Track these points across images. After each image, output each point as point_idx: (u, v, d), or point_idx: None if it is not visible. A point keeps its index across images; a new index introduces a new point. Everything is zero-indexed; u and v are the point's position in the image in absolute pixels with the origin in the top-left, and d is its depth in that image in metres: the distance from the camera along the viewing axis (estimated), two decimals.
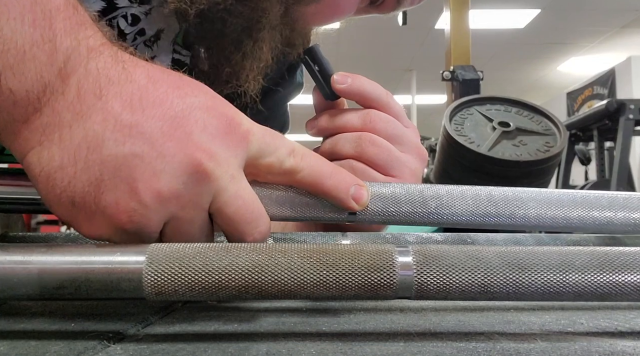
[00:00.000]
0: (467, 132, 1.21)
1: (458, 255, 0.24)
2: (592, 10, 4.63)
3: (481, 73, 1.81)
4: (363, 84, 0.41)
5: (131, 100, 0.27)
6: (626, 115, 2.37)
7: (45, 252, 0.24)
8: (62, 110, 0.26)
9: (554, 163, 1.17)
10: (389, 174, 0.40)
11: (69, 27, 0.27)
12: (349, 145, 0.40)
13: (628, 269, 0.24)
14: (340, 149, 0.40)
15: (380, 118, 0.41)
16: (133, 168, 0.26)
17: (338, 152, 0.41)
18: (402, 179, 0.40)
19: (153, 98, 0.27)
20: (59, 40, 0.26)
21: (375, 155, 0.40)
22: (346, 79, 0.41)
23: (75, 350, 0.22)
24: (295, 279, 0.24)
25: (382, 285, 0.24)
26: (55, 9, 0.27)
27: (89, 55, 0.27)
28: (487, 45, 5.12)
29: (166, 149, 0.26)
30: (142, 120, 0.26)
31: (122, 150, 0.26)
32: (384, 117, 0.41)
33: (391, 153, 0.40)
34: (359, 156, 0.40)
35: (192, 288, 0.24)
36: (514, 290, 0.24)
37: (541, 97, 6.90)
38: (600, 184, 2.69)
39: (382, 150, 0.40)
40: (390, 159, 0.40)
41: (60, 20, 0.27)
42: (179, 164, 0.26)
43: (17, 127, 0.26)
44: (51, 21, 0.26)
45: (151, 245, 0.25)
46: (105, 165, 0.26)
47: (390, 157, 0.40)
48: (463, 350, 0.22)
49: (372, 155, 0.40)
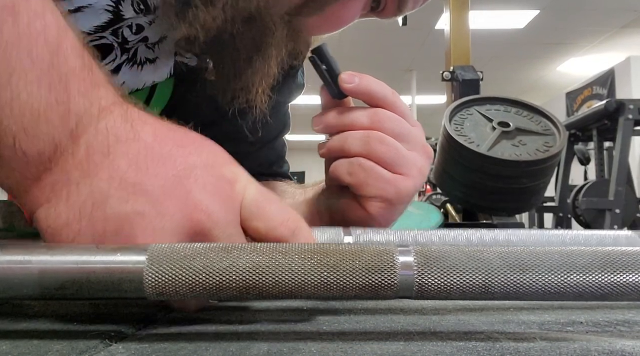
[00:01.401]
0: (466, 132, 1.21)
1: (459, 256, 0.24)
2: (592, 10, 4.63)
3: (481, 73, 1.81)
4: (370, 84, 0.42)
5: (137, 158, 0.28)
6: (625, 115, 2.37)
7: (46, 252, 0.24)
8: (70, 169, 0.27)
9: (553, 163, 1.17)
10: (397, 172, 0.41)
11: (82, 89, 0.28)
12: (357, 143, 0.41)
13: (630, 269, 0.24)
14: (349, 146, 0.41)
15: (387, 117, 0.42)
16: (134, 226, 0.27)
17: (347, 149, 0.41)
18: (409, 176, 0.41)
19: (158, 157, 0.28)
20: (73, 102, 0.27)
21: (383, 153, 0.41)
22: (354, 78, 0.42)
23: (77, 349, 0.22)
24: (296, 280, 0.24)
25: (383, 286, 0.24)
26: (70, 72, 0.28)
27: (99, 116, 0.28)
28: (486, 45, 5.12)
29: (166, 208, 0.27)
30: (146, 178, 0.27)
31: (125, 208, 0.27)
32: (391, 116, 0.42)
33: (399, 151, 0.41)
34: (368, 154, 0.41)
35: (193, 289, 0.24)
36: (514, 290, 0.24)
37: (540, 97, 6.91)
38: (600, 184, 2.69)
39: (390, 148, 0.41)
40: (398, 157, 0.41)
41: (75, 82, 0.28)
42: (178, 223, 0.27)
43: (28, 184, 0.28)
44: (67, 84, 0.27)
45: (152, 245, 0.25)
46: (108, 222, 0.27)
47: (398, 155, 0.41)
48: (463, 349, 0.22)
49: (380, 153, 0.41)
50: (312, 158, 5.20)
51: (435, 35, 4.79)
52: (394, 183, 0.41)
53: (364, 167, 0.41)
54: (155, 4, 0.45)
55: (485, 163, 1.14)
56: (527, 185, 1.17)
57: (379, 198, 0.41)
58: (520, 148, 1.17)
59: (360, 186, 0.41)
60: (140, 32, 0.47)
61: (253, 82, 0.47)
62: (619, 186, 2.34)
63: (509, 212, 1.28)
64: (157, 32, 0.48)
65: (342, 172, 0.42)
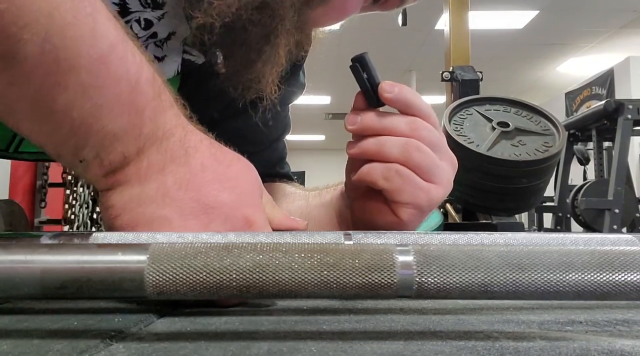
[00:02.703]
0: (466, 132, 1.21)
1: (458, 255, 0.24)
2: (591, 11, 4.64)
3: (480, 73, 1.81)
4: (408, 94, 0.44)
5: (182, 180, 0.35)
6: (624, 115, 2.38)
7: (48, 251, 0.24)
8: (131, 175, 0.35)
9: (552, 163, 1.17)
10: (430, 180, 0.43)
11: (152, 116, 0.35)
12: (396, 150, 0.42)
13: (628, 269, 0.24)
14: (387, 151, 0.42)
15: (424, 126, 0.43)
16: (161, 224, 0.34)
17: (384, 154, 0.43)
18: (440, 185, 0.43)
19: (197, 185, 0.35)
20: (144, 127, 0.34)
21: (421, 161, 0.42)
22: (393, 88, 0.43)
23: (77, 348, 0.22)
24: (296, 279, 0.24)
25: (383, 285, 0.24)
26: (144, 103, 0.34)
27: (162, 137, 0.35)
28: (486, 46, 5.12)
29: (189, 224, 0.34)
30: (183, 197, 0.34)
31: (160, 212, 0.34)
32: (427, 126, 0.43)
33: (434, 160, 0.43)
34: (406, 161, 0.42)
35: (194, 288, 0.24)
36: (514, 290, 0.24)
37: (540, 98, 6.91)
38: (599, 184, 2.70)
39: (426, 157, 0.42)
40: (433, 166, 0.43)
41: (148, 111, 0.34)
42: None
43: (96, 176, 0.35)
44: (141, 113, 0.34)
45: (153, 245, 0.25)
46: (144, 215, 0.34)
47: (433, 164, 0.43)
48: (462, 348, 0.22)
49: (418, 161, 0.42)
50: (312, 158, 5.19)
51: (435, 35, 4.79)
52: (427, 191, 0.42)
53: (401, 174, 0.42)
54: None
55: (485, 163, 1.14)
56: (527, 185, 1.17)
57: (411, 205, 0.42)
58: (519, 148, 1.17)
59: (396, 192, 0.42)
60: (150, 28, 0.48)
61: (263, 72, 0.48)
62: (618, 186, 2.35)
63: (508, 211, 1.28)
64: (165, 28, 0.49)
65: (377, 176, 0.43)
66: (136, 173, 0.34)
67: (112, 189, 0.35)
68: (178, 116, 0.37)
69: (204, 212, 0.34)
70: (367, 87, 0.43)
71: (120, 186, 0.35)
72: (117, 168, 0.34)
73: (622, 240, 0.34)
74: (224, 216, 0.34)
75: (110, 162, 0.34)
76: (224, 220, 0.34)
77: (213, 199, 0.34)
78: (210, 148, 0.37)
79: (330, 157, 9.11)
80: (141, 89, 0.34)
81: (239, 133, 0.60)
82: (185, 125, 0.37)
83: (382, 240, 0.36)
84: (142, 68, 0.34)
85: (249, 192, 0.37)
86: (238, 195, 0.36)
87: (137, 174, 0.34)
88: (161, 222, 0.34)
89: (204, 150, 0.36)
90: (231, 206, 0.35)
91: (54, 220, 2.92)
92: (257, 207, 0.37)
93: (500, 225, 1.28)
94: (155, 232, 0.34)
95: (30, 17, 0.29)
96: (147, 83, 0.35)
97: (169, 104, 0.36)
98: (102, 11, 0.33)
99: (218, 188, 0.35)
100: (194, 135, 0.37)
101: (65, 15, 0.30)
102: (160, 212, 0.34)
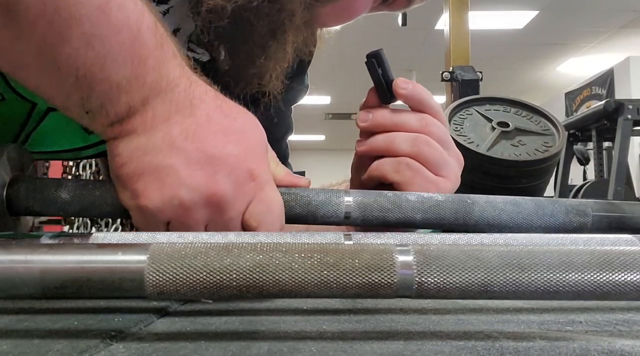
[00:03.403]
0: (466, 132, 1.21)
1: (458, 255, 0.24)
2: (591, 11, 4.64)
3: (480, 73, 1.81)
4: (421, 91, 0.45)
5: (187, 130, 0.35)
6: (624, 115, 2.38)
7: (47, 251, 0.24)
8: (137, 125, 0.35)
9: (552, 163, 1.17)
10: (439, 174, 0.44)
11: (156, 65, 0.35)
12: (406, 144, 0.43)
13: (628, 269, 0.24)
14: (397, 146, 0.43)
15: (434, 123, 0.44)
16: (167, 173, 0.34)
17: (394, 149, 0.44)
18: (448, 180, 0.44)
19: (203, 136, 0.35)
20: (147, 77, 0.34)
21: (430, 155, 0.43)
22: (407, 84, 0.44)
23: (77, 348, 0.22)
24: (296, 279, 0.24)
25: (383, 285, 0.24)
26: (147, 52, 0.34)
27: (167, 87, 0.35)
28: (486, 46, 5.12)
29: (194, 173, 0.34)
30: (189, 147, 0.34)
31: (166, 161, 0.34)
32: (437, 123, 0.45)
33: (442, 155, 0.44)
34: (416, 155, 0.43)
35: (194, 288, 0.24)
36: (514, 289, 0.24)
37: (540, 98, 6.91)
38: (599, 184, 2.70)
39: (436, 152, 0.43)
40: (442, 161, 0.44)
41: (150, 60, 0.34)
42: (198, 189, 0.34)
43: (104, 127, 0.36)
44: (144, 63, 0.34)
45: (153, 245, 0.25)
46: (150, 164, 0.34)
47: (442, 158, 0.44)
48: (462, 348, 0.22)
49: (427, 155, 0.43)
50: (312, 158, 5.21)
51: (435, 35, 4.79)
52: (436, 185, 0.43)
53: (411, 167, 0.43)
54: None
55: (485, 163, 1.14)
56: (527, 185, 1.17)
57: None
58: (519, 148, 1.17)
59: (406, 185, 0.43)
60: None
61: (267, 67, 0.49)
62: (618, 186, 2.35)
63: None
64: (171, 23, 0.49)
65: (388, 170, 0.43)
66: (142, 123, 0.35)
67: (118, 138, 0.35)
68: (182, 66, 0.37)
69: (210, 162, 0.34)
70: (382, 82, 0.44)
71: (126, 135, 0.35)
72: (123, 118, 0.35)
73: (622, 240, 0.34)
74: (230, 168, 0.35)
75: (116, 112, 0.34)
76: (229, 171, 0.35)
77: (219, 150, 0.35)
78: (216, 100, 0.37)
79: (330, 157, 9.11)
80: (143, 38, 0.34)
81: None
82: (190, 76, 0.37)
83: (382, 240, 0.36)
84: (142, 16, 0.34)
85: (254, 146, 0.37)
86: (244, 148, 0.36)
87: (143, 124, 0.35)
88: (167, 171, 0.34)
89: (209, 101, 0.36)
90: (237, 158, 0.35)
91: (54, 220, 2.92)
92: (261, 161, 0.37)
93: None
94: (155, 232, 0.34)
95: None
96: (148, 32, 0.35)
97: (172, 54, 0.36)
98: None
99: (224, 140, 0.35)
100: (199, 86, 0.37)
101: None
102: (167, 161, 0.34)
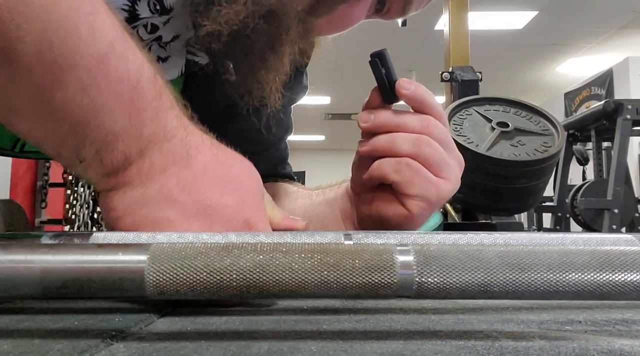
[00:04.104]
0: (466, 132, 1.21)
1: (458, 255, 0.24)
2: (590, 11, 4.64)
3: (480, 74, 1.81)
4: (423, 92, 0.45)
5: (184, 182, 0.34)
6: (623, 115, 2.38)
7: (48, 251, 0.24)
8: (133, 176, 0.34)
9: (551, 163, 1.18)
10: (440, 175, 0.44)
11: (154, 116, 0.34)
12: (407, 145, 0.43)
13: (627, 269, 0.24)
14: (398, 147, 0.43)
15: (435, 124, 0.44)
16: (164, 227, 0.34)
17: (395, 149, 0.44)
18: (449, 181, 0.44)
19: (200, 187, 0.35)
20: (145, 128, 0.34)
21: (431, 156, 0.43)
22: (410, 85, 0.44)
23: (78, 348, 0.22)
24: (296, 279, 0.24)
25: (383, 285, 0.24)
26: (145, 104, 0.34)
27: (164, 138, 0.35)
28: (485, 46, 5.12)
29: (192, 226, 0.34)
30: (186, 200, 0.34)
31: (162, 214, 0.34)
32: (439, 124, 0.45)
33: (443, 156, 0.44)
34: (417, 155, 0.43)
35: (194, 288, 0.24)
36: (513, 289, 0.24)
37: (539, 98, 6.91)
38: (598, 184, 2.70)
39: (437, 153, 0.43)
40: (442, 162, 0.44)
41: (148, 112, 0.34)
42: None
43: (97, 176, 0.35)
44: (142, 114, 0.34)
45: (153, 245, 0.25)
46: (147, 217, 0.34)
47: (443, 160, 0.44)
48: (462, 348, 0.22)
49: (428, 155, 0.43)
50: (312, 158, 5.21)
51: (435, 35, 4.79)
52: (436, 185, 0.43)
53: (411, 167, 0.43)
54: (171, 5, 0.47)
55: (484, 163, 1.15)
56: (526, 185, 1.17)
57: (421, 197, 0.43)
58: (519, 149, 1.17)
59: (406, 184, 0.43)
60: (155, 32, 0.49)
61: (267, 80, 0.49)
62: (617, 186, 2.35)
63: (508, 211, 1.28)
64: (170, 32, 0.49)
65: (388, 170, 0.44)
66: (138, 174, 0.34)
67: (113, 190, 0.35)
68: (179, 117, 0.36)
69: (207, 213, 0.34)
70: (385, 82, 0.44)
71: (122, 187, 0.35)
72: (119, 169, 0.34)
73: (622, 240, 0.34)
74: (226, 218, 0.34)
75: (112, 161, 0.34)
76: (226, 222, 0.34)
77: (215, 201, 0.34)
78: (212, 149, 0.37)
79: (330, 157, 9.10)
80: (142, 89, 0.34)
81: (241, 134, 0.61)
82: (187, 126, 0.37)
83: (382, 240, 0.36)
84: (142, 68, 0.34)
85: (250, 194, 0.37)
86: (240, 197, 0.36)
87: (139, 175, 0.34)
88: (164, 224, 0.34)
89: (205, 151, 0.36)
90: (234, 208, 0.35)
91: (54, 220, 2.92)
92: (258, 209, 0.37)
93: (499, 225, 1.28)
94: (156, 232, 0.34)
95: (28, 13, 0.29)
96: (147, 83, 0.34)
97: (170, 105, 0.36)
98: (103, 10, 0.33)
99: (220, 190, 0.35)
100: (196, 136, 0.37)
101: (63, 12, 0.30)
102: (163, 214, 0.34)
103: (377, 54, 0.44)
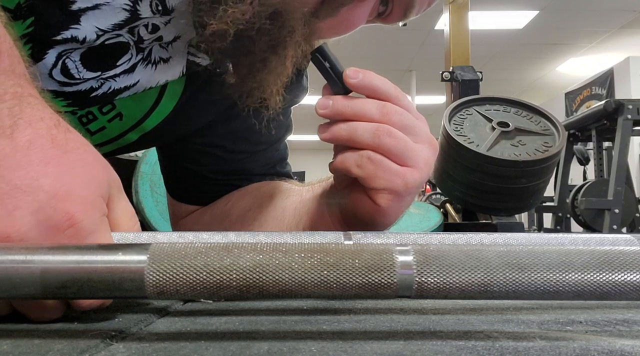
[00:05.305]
0: (466, 132, 1.21)
1: (458, 255, 0.24)
2: (591, 11, 4.64)
3: (480, 73, 1.81)
4: (373, 79, 0.43)
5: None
6: (624, 115, 2.38)
7: (48, 251, 0.24)
8: None
9: (552, 163, 1.18)
10: (405, 164, 0.42)
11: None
12: (367, 136, 0.42)
13: (627, 268, 0.24)
14: (359, 138, 0.42)
15: (395, 110, 0.43)
16: None
17: (356, 140, 0.42)
18: (417, 168, 0.43)
19: (15, 163, 0.29)
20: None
21: (392, 147, 0.42)
22: (358, 74, 0.43)
23: (78, 348, 0.22)
24: (296, 279, 0.24)
25: (383, 285, 0.24)
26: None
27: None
28: (486, 46, 5.12)
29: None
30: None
31: None
32: (398, 110, 0.43)
33: (407, 144, 0.42)
34: (377, 147, 0.42)
35: (194, 288, 0.24)
36: (513, 289, 0.24)
37: (540, 98, 6.91)
38: (599, 184, 2.70)
39: (398, 142, 0.42)
40: (406, 150, 0.42)
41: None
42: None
43: None
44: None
45: (153, 245, 0.25)
46: None
47: (406, 147, 0.42)
48: (462, 348, 0.22)
49: (389, 146, 0.42)
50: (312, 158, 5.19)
51: (435, 35, 4.79)
52: (402, 176, 0.42)
53: (372, 160, 0.42)
54: (173, 5, 0.46)
55: (485, 163, 1.14)
56: (527, 185, 1.17)
57: (387, 190, 0.42)
58: (519, 148, 1.17)
59: (370, 178, 0.42)
60: (156, 32, 0.49)
61: (268, 82, 0.48)
62: (618, 186, 2.35)
63: (508, 211, 1.28)
64: (171, 32, 0.49)
65: (350, 164, 0.43)
66: None
67: None
68: (19, 85, 0.32)
69: (12, 195, 0.28)
70: (332, 76, 0.44)
71: None
72: None
73: (622, 240, 0.34)
74: (37, 205, 0.28)
75: None
76: (36, 209, 0.28)
77: (28, 182, 0.29)
78: (52, 130, 0.31)
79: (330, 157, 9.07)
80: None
81: (240, 134, 0.61)
82: (26, 98, 0.32)
83: (382, 240, 0.36)
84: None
85: (84, 185, 0.30)
86: (65, 184, 0.30)
87: None
88: None
89: (40, 128, 0.31)
90: (51, 195, 0.29)
91: None
92: (89, 206, 0.30)
93: (500, 225, 1.28)
94: (156, 232, 0.34)
95: None
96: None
97: (9, 69, 0.32)
98: None
99: (40, 171, 0.29)
100: (36, 112, 0.32)
101: None
102: None
103: (316, 50, 0.44)
